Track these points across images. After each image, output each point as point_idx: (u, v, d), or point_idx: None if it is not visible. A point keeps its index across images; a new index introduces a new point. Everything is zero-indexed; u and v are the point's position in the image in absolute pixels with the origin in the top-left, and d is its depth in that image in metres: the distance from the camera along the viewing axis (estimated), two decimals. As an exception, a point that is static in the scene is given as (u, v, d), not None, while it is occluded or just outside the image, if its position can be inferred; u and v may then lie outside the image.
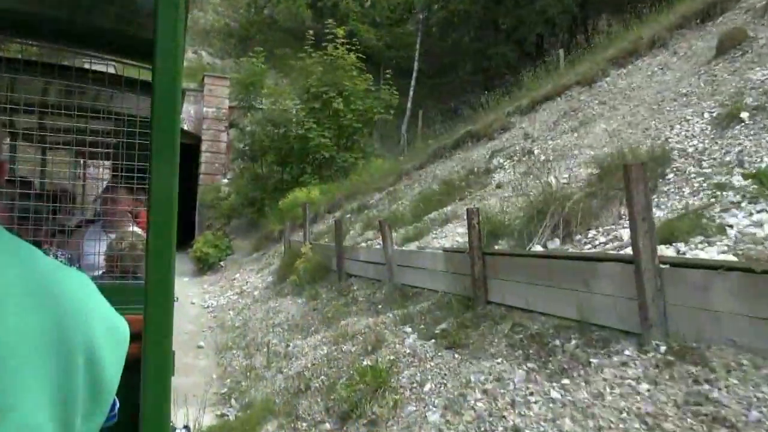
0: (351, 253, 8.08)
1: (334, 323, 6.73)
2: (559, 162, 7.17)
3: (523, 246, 5.21)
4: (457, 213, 7.33)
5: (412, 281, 6.39)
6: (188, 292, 12.95)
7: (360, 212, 11.28)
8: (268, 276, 11.70)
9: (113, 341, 0.75)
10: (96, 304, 0.76)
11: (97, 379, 0.70)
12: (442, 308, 5.49)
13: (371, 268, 7.42)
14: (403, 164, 12.20)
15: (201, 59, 22.70)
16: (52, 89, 2.90)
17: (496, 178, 8.02)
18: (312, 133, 14.34)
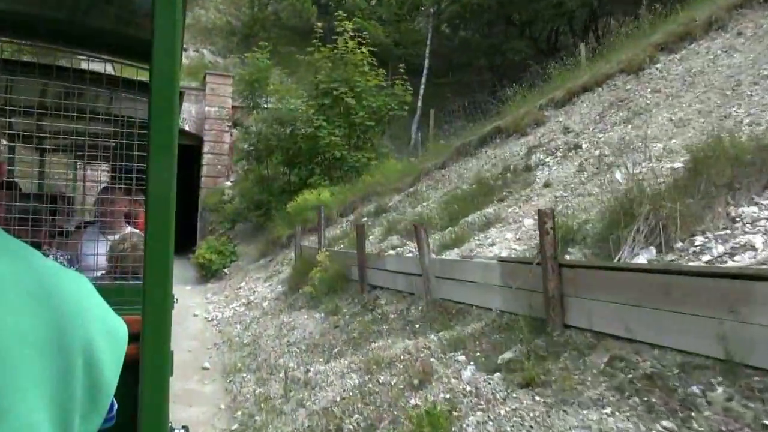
0: (376, 262, 7.08)
1: (362, 345, 5.73)
2: (618, 156, 6.18)
3: (606, 256, 4.21)
4: (501, 215, 6.34)
5: (455, 296, 5.39)
6: (190, 303, 11.95)
7: (378, 215, 10.29)
8: (278, 285, 10.70)
9: (111, 342, 0.73)
10: (94, 305, 0.74)
11: (96, 380, 0.69)
12: (501, 331, 4.49)
13: (402, 279, 6.43)
14: (422, 164, 11.22)
15: (203, 58, 21.75)
16: (50, 91, 2.86)
17: (540, 175, 7.04)
18: (322, 131, 13.35)
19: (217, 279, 14.06)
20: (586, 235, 4.57)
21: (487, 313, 4.83)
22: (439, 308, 5.54)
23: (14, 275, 0.65)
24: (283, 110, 14.12)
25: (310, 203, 12.81)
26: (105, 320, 0.74)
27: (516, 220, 6.12)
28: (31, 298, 0.64)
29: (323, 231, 9.11)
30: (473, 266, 5.14)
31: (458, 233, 6.34)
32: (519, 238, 5.58)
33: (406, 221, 8.47)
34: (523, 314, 4.35)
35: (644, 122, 6.64)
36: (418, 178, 10.95)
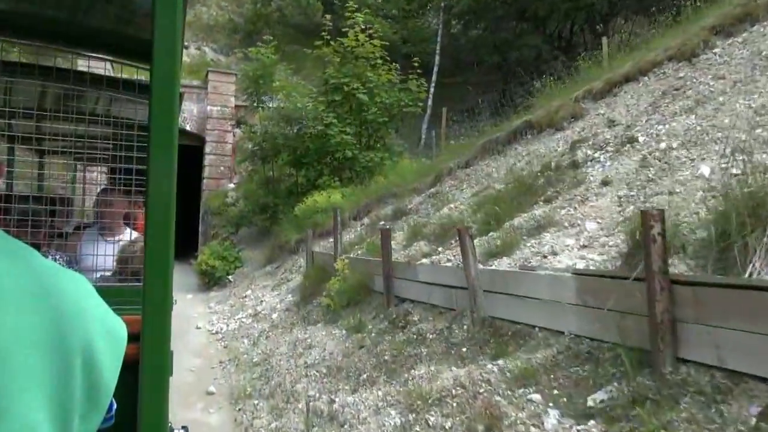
0: (405, 272, 6.18)
1: (397, 371, 4.82)
2: (690, 149, 5.29)
3: (720, 269, 3.32)
4: (553, 218, 5.44)
5: (510, 314, 4.49)
6: (192, 313, 11.04)
7: (397, 218, 9.39)
8: (287, 294, 9.79)
9: (111, 342, 0.72)
10: (93, 305, 0.72)
11: (95, 380, 0.68)
12: (582, 362, 3.59)
13: (438, 292, 5.53)
14: (441, 163, 10.32)
15: (204, 56, 20.88)
16: (49, 93, 2.82)
17: (592, 173, 6.14)
18: (332, 129, 12.45)
19: (220, 286, 13.15)
20: (685, 242, 3.67)
21: (558, 338, 3.93)
22: (490, 329, 4.64)
23: (13, 275, 0.64)
24: (291, 108, 13.22)
25: (319, 206, 11.92)
26: (104, 320, 0.73)
27: (573, 223, 5.23)
28: (30, 298, 0.63)
29: (339, 236, 8.21)
30: (536, 279, 4.23)
31: (504, 239, 5.44)
32: (584, 245, 4.68)
33: (434, 225, 7.57)
34: (613, 342, 3.45)
35: (715, 111, 5.74)
36: (438, 178, 10.06)
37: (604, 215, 5.10)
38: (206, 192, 18.23)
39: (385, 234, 6.51)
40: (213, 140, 18.39)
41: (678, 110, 6.35)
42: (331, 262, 8.42)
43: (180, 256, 18.51)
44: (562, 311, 3.93)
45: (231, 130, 18.61)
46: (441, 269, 5.54)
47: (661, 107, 6.75)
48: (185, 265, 18.09)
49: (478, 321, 4.77)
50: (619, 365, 3.32)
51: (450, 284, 5.32)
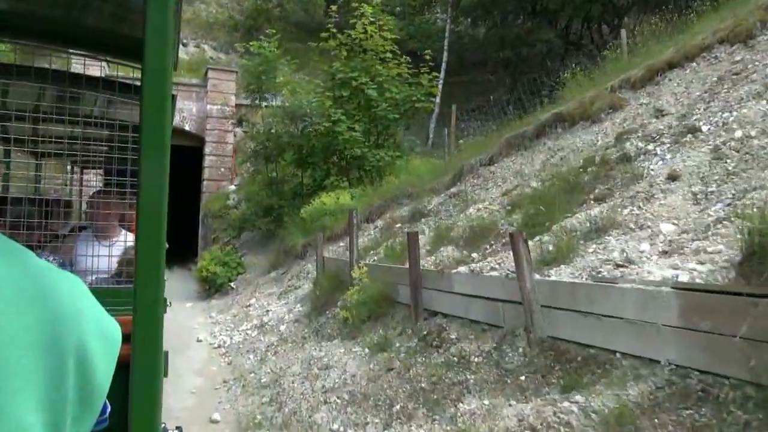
0: (438, 281, 5.38)
1: (440, 403, 4.01)
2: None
3: None
4: (615, 219, 4.64)
5: (580, 336, 3.69)
6: (193, 323, 10.23)
7: (415, 221, 8.59)
8: (296, 304, 8.98)
9: (105, 343, 0.71)
10: (88, 306, 0.71)
11: (88, 382, 0.67)
12: (695, 402, 2.79)
13: (479, 306, 4.72)
14: (460, 161, 9.52)
15: (204, 53, 20.09)
16: (45, 95, 2.81)
17: (652, 167, 5.35)
18: (340, 126, 11.65)
19: (222, 294, 12.33)
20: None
21: (652, 368, 3.13)
22: (551, 352, 3.84)
23: (8, 276, 0.63)
24: (296, 104, 12.41)
25: (327, 208, 11.12)
26: (99, 321, 0.72)
27: (641, 224, 4.43)
28: (24, 299, 0.63)
29: (355, 240, 7.39)
30: (618, 294, 3.43)
31: (558, 244, 4.64)
32: (665, 251, 3.88)
33: (461, 227, 6.78)
34: (739, 378, 2.66)
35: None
36: (458, 176, 9.26)
37: (679, 215, 4.30)
38: (206, 194, 17.44)
39: (412, 238, 5.71)
40: (213, 140, 17.59)
41: (744, 96, 5.57)
42: (345, 269, 7.61)
43: (179, 261, 17.72)
44: (656, 335, 3.13)
45: (232, 130, 17.81)
46: (484, 279, 4.73)
47: (721, 94, 5.96)
48: (185, 270, 17.29)
49: (536, 342, 3.96)
50: (754, 410, 2.52)
51: (496, 297, 4.52)
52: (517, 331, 4.18)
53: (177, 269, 17.26)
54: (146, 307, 0.97)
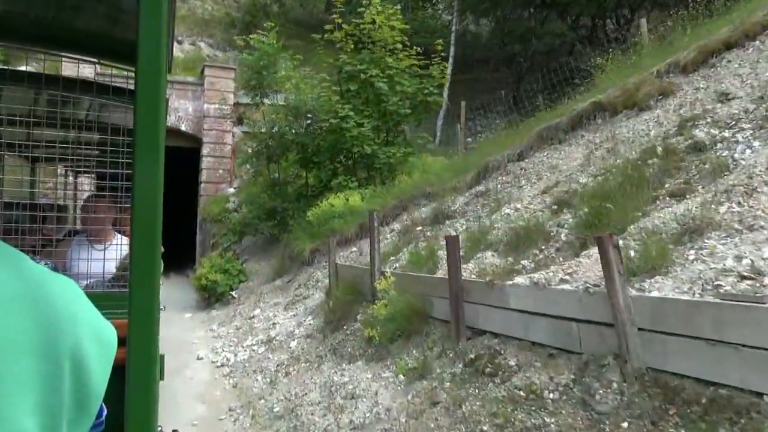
0: (486, 295, 4.49)
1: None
2: None
3: None
4: (713, 218, 3.77)
5: (702, 371, 2.82)
6: (192, 337, 9.32)
7: (438, 223, 7.71)
8: (306, 316, 8.08)
9: (100, 347, 0.71)
10: (83, 310, 0.71)
11: (84, 386, 0.67)
12: None
13: (546, 326, 3.85)
14: (485, 156, 8.65)
15: (200, 51, 19.20)
16: (38, 99, 2.80)
17: (738, 157, 4.49)
18: (348, 122, 10.76)
19: (223, 304, 11.41)
20: None
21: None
22: (656, 389, 2.97)
23: (2, 279, 0.63)
24: (300, 100, 11.53)
25: (336, 210, 10.24)
26: (94, 325, 0.72)
27: (750, 225, 3.57)
28: (19, 303, 0.62)
29: (377, 245, 6.48)
30: (764, 316, 2.56)
31: (646, 250, 3.76)
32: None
33: (500, 230, 5.91)
34: None
35: None
36: (482, 174, 8.40)
37: (800, 212, 3.44)
38: (204, 197, 16.53)
39: (452, 243, 4.82)
40: (211, 141, 16.68)
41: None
42: (365, 278, 6.73)
43: (176, 268, 16.78)
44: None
45: (230, 130, 16.92)
46: (553, 294, 3.85)
47: (804, 71, 5.11)
48: (182, 278, 16.35)
49: (634, 375, 3.09)
50: None
51: (569, 316, 3.65)
52: (603, 359, 3.31)
53: (174, 276, 16.33)
54: (141, 311, 0.98)
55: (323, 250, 10.18)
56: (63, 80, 2.68)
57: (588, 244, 4.38)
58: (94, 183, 4.08)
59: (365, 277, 6.71)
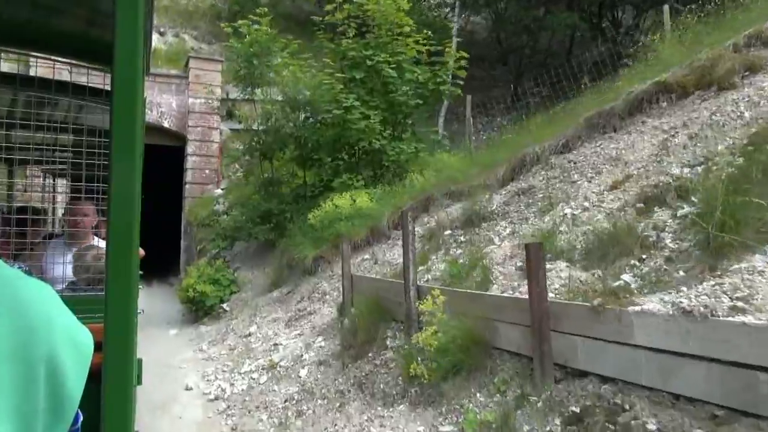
0: (590, 324, 3.26)
1: None
2: None
3: None
4: None
5: None
6: (178, 360, 7.97)
7: (473, 225, 6.47)
8: (316, 336, 6.79)
9: (76, 352, 0.70)
10: (58, 314, 0.69)
11: (60, 391, 0.66)
12: None
13: (708, 374, 2.63)
14: (520, 149, 7.44)
15: (184, 43, 17.78)
16: (16, 101, 2.76)
17: None
18: (354, 113, 9.50)
19: (213, 318, 10.05)
20: None
21: None
22: None
23: None
24: (299, 89, 10.24)
25: (342, 212, 8.97)
26: (69, 330, 0.70)
27: None
28: None
29: (412, 255, 5.19)
30: None
31: None
32: None
33: (572, 236, 4.69)
34: None
35: None
36: (517, 168, 7.19)
37: None
38: (189, 200, 15.10)
39: (534, 253, 3.57)
40: (196, 138, 15.27)
41: None
42: (394, 293, 5.46)
43: (159, 275, 15.33)
44: None
45: (217, 127, 15.53)
46: (721, 328, 2.61)
47: None
48: (166, 287, 14.90)
49: None
50: None
51: (755, 363, 2.43)
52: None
53: (157, 285, 14.88)
54: (118, 315, 0.95)
55: (328, 257, 8.91)
56: (38, 81, 2.60)
57: (733, 255, 3.17)
58: (69, 185, 3.91)
59: (394, 293, 5.44)
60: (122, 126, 0.96)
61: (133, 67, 0.96)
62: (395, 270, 6.87)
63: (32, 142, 2.83)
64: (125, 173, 0.96)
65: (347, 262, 6.65)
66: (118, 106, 0.96)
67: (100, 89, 2.65)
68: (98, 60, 2.41)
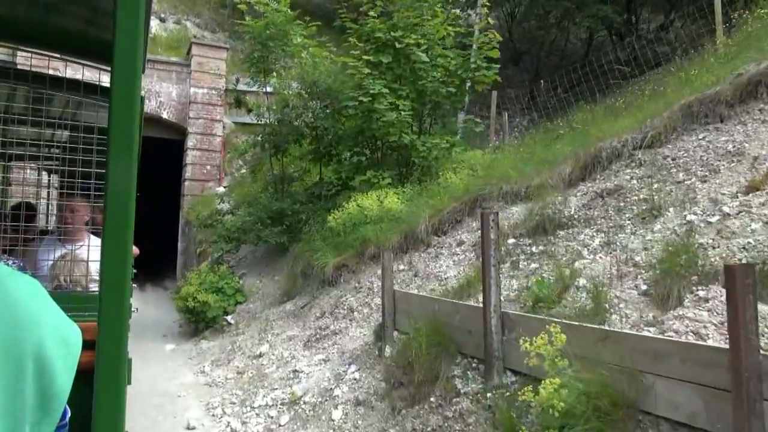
0: None
1: None
2: None
3: None
4: None
5: None
6: (177, 386, 6.67)
7: (544, 234, 5.20)
8: (347, 365, 5.51)
9: (64, 348, 0.68)
10: (47, 311, 0.69)
11: (48, 387, 0.65)
12: None
13: None
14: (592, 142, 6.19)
15: (186, 30, 16.46)
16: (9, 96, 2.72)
17: None
18: (382, 101, 8.23)
19: (215, 332, 8.73)
20: None
21: None
22: None
23: None
24: (320, 72, 8.95)
25: (370, 213, 7.69)
26: (58, 326, 0.69)
27: None
28: None
29: (494, 269, 3.89)
30: None
31: None
32: None
33: (718, 250, 3.43)
34: None
35: None
36: (590, 165, 5.94)
37: None
38: (188, 197, 13.79)
39: (740, 280, 2.31)
40: (197, 131, 13.95)
41: None
42: (462, 318, 4.18)
43: (154, 278, 14.04)
44: None
45: (220, 119, 14.23)
46: None
47: None
48: (160, 292, 13.60)
49: None
50: None
51: None
52: None
53: (151, 289, 13.56)
54: (111, 313, 0.94)
55: (352, 265, 7.63)
56: (33, 76, 2.55)
57: None
58: (60, 182, 3.55)
59: (462, 319, 4.17)
60: (120, 124, 0.95)
61: (132, 62, 0.96)
62: (445, 286, 5.61)
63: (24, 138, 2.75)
64: (121, 170, 0.95)
65: (388, 275, 5.36)
66: (117, 104, 0.96)
67: (95, 85, 2.58)
68: (97, 58, 2.34)
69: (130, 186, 0.97)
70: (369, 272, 7.29)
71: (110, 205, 0.96)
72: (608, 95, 10.19)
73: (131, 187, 0.97)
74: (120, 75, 0.96)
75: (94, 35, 2.10)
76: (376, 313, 6.26)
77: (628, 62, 11.89)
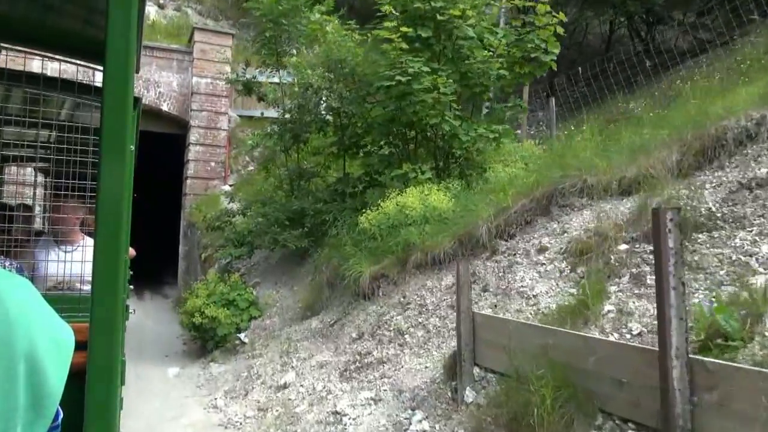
0: None
1: None
2: None
3: None
4: None
5: None
6: (183, 427, 5.31)
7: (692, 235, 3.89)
8: (409, 410, 4.17)
9: (57, 349, 0.67)
10: (39, 311, 0.67)
11: (40, 388, 0.64)
12: None
13: None
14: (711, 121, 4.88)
15: (187, 18, 15.12)
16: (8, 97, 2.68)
17: None
18: (420, 83, 6.90)
19: (226, 353, 7.37)
20: None
21: None
22: None
23: None
24: (345, 50, 7.62)
25: (413, 214, 6.35)
26: (50, 327, 0.68)
27: None
28: None
29: (674, 295, 2.59)
30: None
31: None
32: None
33: None
34: None
35: None
36: (709, 151, 4.63)
37: None
38: (190, 197, 12.41)
39: None
40: (200, 125, 12.59)
41: None
42: (606, 362, 2.85)
43: (153, 285, 12.69)
44: None
45: (225, 112, 12.88)
46: None
47: None
48: (161, 300, 12.22)
49: None
50: None
51: None
52: None
53: (150, 297, 12.19)
54: (103, 315, 0.92)
55: (393, 276, 6.28)
56: (26, 76, 2.45)
57: None
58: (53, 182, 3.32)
59: (606, 363, 2.84)
60: (112, 124, 0.93)
61: (125, 61, 0.93)
62: (537, 306, 4.28)
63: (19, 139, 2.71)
64: (114, 170, 0.93)
65: (465, 292, 4.01)
66: (109, 105, 0.93)
67: (89, 85, 2.49)
68: (91, 58, 2.20)
69: (123, 182, 0.93)
70: (415, 284, 5.96)
71: (102, 206, 0.93)
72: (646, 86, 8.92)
73: (123, 183, 0.93)
74: (112, 75, 0.94)
75: (87, 34, 2.06)
76: (435, 338, 4.93)
77: (660, 52, 10.92)
